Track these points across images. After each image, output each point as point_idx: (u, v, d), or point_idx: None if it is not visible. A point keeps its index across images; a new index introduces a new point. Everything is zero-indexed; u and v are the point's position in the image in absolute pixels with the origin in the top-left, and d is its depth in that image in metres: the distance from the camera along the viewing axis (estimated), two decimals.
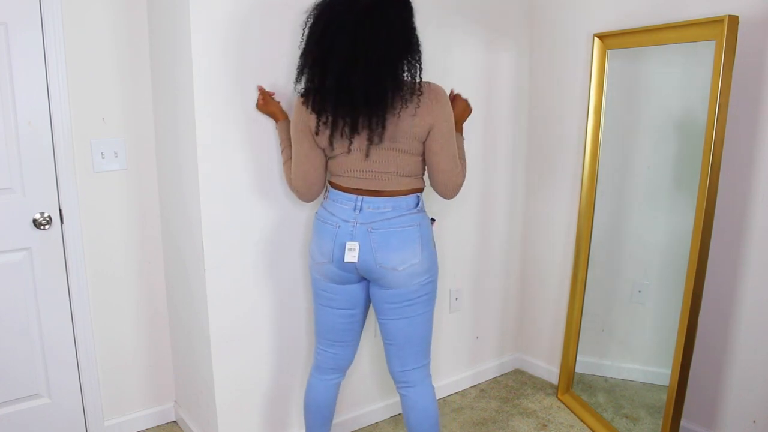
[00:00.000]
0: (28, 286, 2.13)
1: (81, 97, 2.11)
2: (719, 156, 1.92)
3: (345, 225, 1.75)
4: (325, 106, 1.67)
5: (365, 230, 1.73)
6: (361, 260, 1.74)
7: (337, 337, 1.90)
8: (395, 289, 1.77)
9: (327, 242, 1.78)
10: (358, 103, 1.63)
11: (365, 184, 1.74)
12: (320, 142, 1.75)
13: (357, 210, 1.74)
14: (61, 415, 2.26)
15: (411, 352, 1.84)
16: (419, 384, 1.85)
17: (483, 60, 2.54)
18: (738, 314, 2.15)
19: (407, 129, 1.68)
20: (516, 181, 2.78)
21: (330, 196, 1.81)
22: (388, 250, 1.73)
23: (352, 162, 1.74)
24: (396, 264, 1.74)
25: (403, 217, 1.75)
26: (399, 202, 1.75)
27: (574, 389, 2.64)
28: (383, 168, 1.73)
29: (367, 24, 1.60)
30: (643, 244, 2.47)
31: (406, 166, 1.75)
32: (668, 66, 2.32)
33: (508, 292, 2.87)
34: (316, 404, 1.93)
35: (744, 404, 2.17)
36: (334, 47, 1.61)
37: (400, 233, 1.74)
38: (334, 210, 1.78)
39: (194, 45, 1.84)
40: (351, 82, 1.61)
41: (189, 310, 2.19)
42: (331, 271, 1.80)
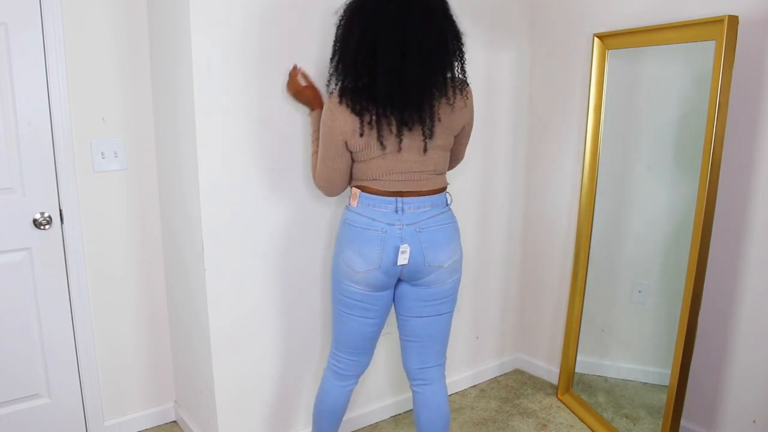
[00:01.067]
0: (28, 286, 2.13)
1: (81, 97, 2.11)
2: (719, 156, 1.92)
3: (391, 229, 1.72)
4: (371, 104, 1.62)
5: (413, 231, 1.73)
6: (412, 261, 1.74)
7: (362, 345, 1.87)
8: (436, 286, 1.78)
9: (373, 249, 1.72)
10: (412, 98, 1.60)
11: (405, 186, 1.73)
12: (359, 145, 1.67)
13: (399, 212, 1.72)
14: (61, 415, 2.26)
15: (433, 350, 1.85)
16: (436, 382, 1.86)
17: (483, 60, 2.54)
18: (738, 314, 2.15)
19: (448, 123, 1.70)
20: (516, 180, 2.78)
21: (363, 200, 1.75)
22: (437, 248, 1.75)
23: (393, 164, 1.70)
24: (443, 261, 1.76)
25: (443, 215, 1.78)
26: (435, 201, 1.77)
27: (574, 389, 2.64)
28: (423, 167, 1.72)
29: (413, 15, 1.57)
30: (643, 244, 2.47)
31: (441, 162, 1.76)
32: (668, 66, 2.32)
33: (508, 292, 2.87)
34: (332, 410, 1.91)
35: (744, 404, 2.17)
36: (379, 43, 1.57)
37: (444, 230, 1.77)
38: (374, 215, 1.73)
39: (194, 45, 1.84)
40: (405, 76, 1.58)
41: (189, 310, 2.19)
42: (376, 278, 1.75)
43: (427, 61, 1.60)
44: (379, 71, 1.58)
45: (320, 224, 2.18)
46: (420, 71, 1.59)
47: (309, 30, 2.02)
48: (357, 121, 1.64)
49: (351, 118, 1.64)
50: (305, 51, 2.03)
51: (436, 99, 1.65)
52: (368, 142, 1.67)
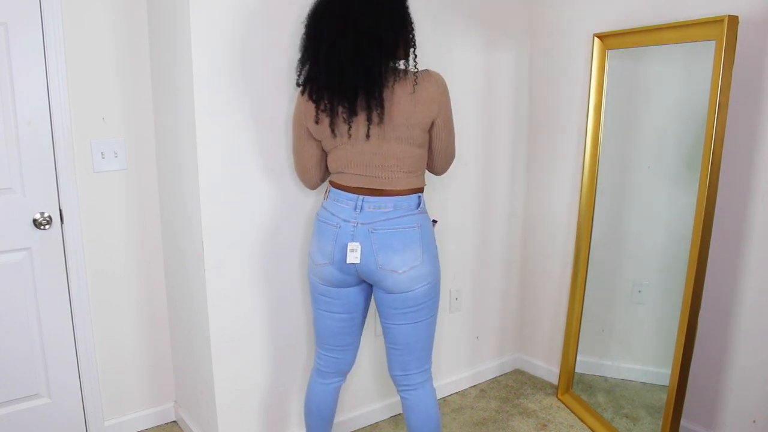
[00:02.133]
0: (28, 286, 2.13)
1: (81, 97, 2.11)
2: (719, 156, 1.92)
3: (345, 225, 1.73)
4: (322, 91, 1.66)
5: (366, 230, 1.71)
6: (362, 262, 1.72)
7: (336, 341, 1.88)
8: (398, 293, 1.73)
9: (328, 243, 1.75)
10: (350, 80, 1.61)
11: (367, 182, 1.72)
12: (320, 133, 1.73)
13: (357, 209, 1.72)
14: (61, 415, 2.26)
15: (413, 357, 1.81)
16: (420, 387, 1.83)
17: (483, 60, 2.54)
18: (738, 314, 2.15)
19: (407, 113, 1.66)
20: (516, 180, 2.78)
21: (330, 195, 1.79)
22: (388, 251, 1.70)
23: (352, 155, 1.71)
24: (396, 266, 1.71)
25: (405, 218, 1.72)
26: (400, 202, 1.72)
27: (574, 389, 2.64)
28: (384, 161, 1.70)
29: (355, 4, 1.60)
30: (643, 244, 2.47)
31: (407, 158, 1.71)
32: (668, 66, 2.32)
33: (508, 292, 2.87)
34: (317, 408, 1.92)
35: (744, 404, 2.17)
36: (324, 31, 1.63)
37: (401, 234, 1.71)
38: (335, 210, 1.76)
39: (194, 45, 1.84)
40: (340, 58, 1.60)
41: (189, 310, 2.19)
42: (332, 273, 1.77)
43: (364, 43, 1.60)
44: (320, 59, 1.63)
45: None
46: (353, 52, 1.59)
47: None
48: (313, 108, 1.70)
49: (309, 106, 1.71)
50: None
51: (383, 85, 1.63)
52: (324, 130, 1.72)
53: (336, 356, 1.90)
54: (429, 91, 1.68)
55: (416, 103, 1.66)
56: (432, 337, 1.84)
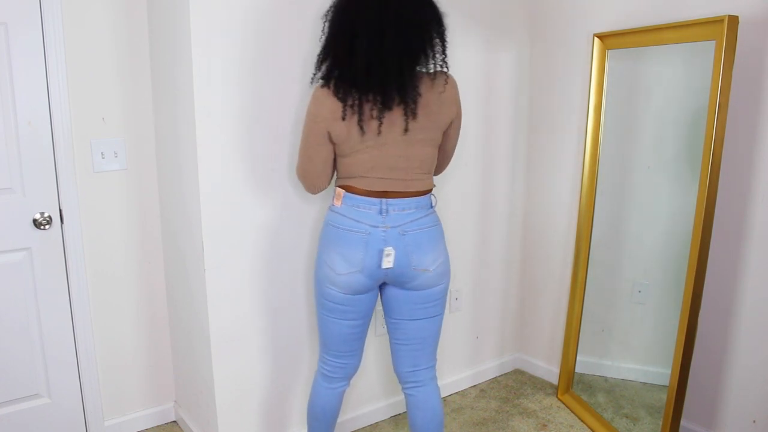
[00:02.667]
0: (28, 286, 2.13)
1: (81, 97, 2.11)
2: (719, 156, 1.92)
3: (375, 231, 1.69)
4: (353, 89, 1.60)
5: (397, 234, 1.70)
6: (396, 265, 1.71)
7: (346, 347, 1.85)
8: (423, 290, 1.76)
9: (356, 251, 1.70)
10: (392, 76, 1.57)
11: (390, 185, 1.69)
12: (343, 134, 1.65)
13: (383, 213, 1.69)
14: (61, 415, 2.26)
15: (424, 353, 1.83)
16: (428, 383, 1.84)
17: (483, 60, 2.54)
18: (738, 314, 2.15)
19: (435, 115, 1.67)
20: (516, 180, 2.78)
21: (347, 201, 1.72)
22: (421, 251, 1.72)
23: (377, 158, 1.66)
24: (428, 265, 1.73)
25: (428, 217, 1.75)
26: (420, 203, 1.74)
27: (574, 389, 2.64)
28: (408, 164, 1.68)
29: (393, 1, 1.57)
30: (643, 244, 2.47)
31: (427, 160, 1.73)
32: (668, 66, 2.32)
33: (508, 292, 2.87)
34: (323, 411, 1.90)
35: (744, 404, 2.17)
36: (358, 25, 1.57)
37: (428, 233, 1.74)
38: (358, 216, 1.70)
39: (194, 45, 1.84)
40: (383, 54, 1.56)
41: (189, 310, 2.19)
42: (358, 281, 1.72)
43: (407, 40, 1.57)
44: (358, 51, 1.57)
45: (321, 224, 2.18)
46: (399, 49, 1.56)
47: (308, 30, 2.02)
48: (340, 105, 1.62)
49: (334, 102, 1.63)
50: (305, 51, 2.03)
51: (419, 81, 1.62)
52: (349, 129, 1.64)
53: (344, 362, 1.88)
54: (451, 92, 1.70)
55: (442, 104, 1.68)
56: (440, 332, 1.88)
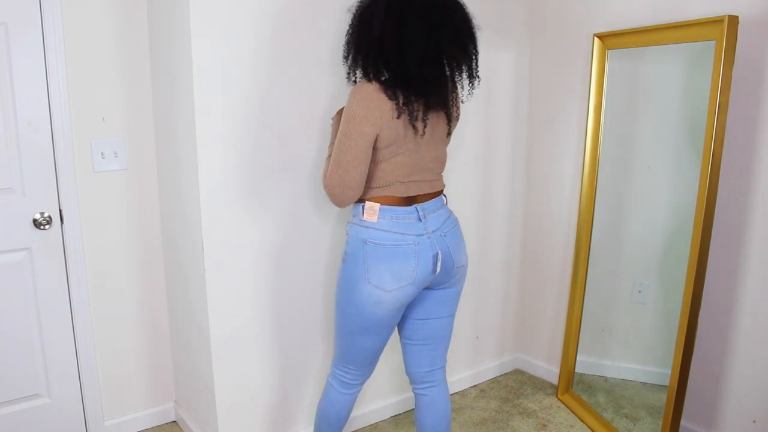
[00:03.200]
0: (28, 286, 2.13)
1: (81, 97, 2.11)
2: (719, 156, 1.92)
3: (421, 239, 1.67)
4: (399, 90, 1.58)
5: (439, 236, 1.72)
6: (444, 266, 1.73)
7: (373, 358, 1.83)
8: (456, 286, 1.82)
9: (408, 264, 1.65)
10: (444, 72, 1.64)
11: (421, 187, 1.71)
12: (391, 135, 1.60)
13: (422, 220, 1.69)
14: (61, 415, 2.26)
15: (442, 351, 1.87)
16: (441, 384, 1.86)
17: (483, 60, 2.52)
18: (738, 314, 2.15)
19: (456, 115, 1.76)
20: (516, 181, 2.78)
21: (384, 214, 1.66)
22: (459, 248, 1.78)
23: (416, 159, 1.67)
24: (464, 260, 1.81)
25: (451, 215, 1.81)
26: (441, 201, 1.79)
27: (574, 389, 2.64)
28: (435, 164, 1.74)
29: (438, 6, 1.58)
30: (643, 244, 2.47)
31: (445, 159, 1.79)
32: (668, 66, 2.32)
33: (508, 292, 2.87)
34: (338, 417, 1.88)
35: (744, 404, 2.17)
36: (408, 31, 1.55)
37: (458, 230, 1.80)
38: (401, 228, 1.66)
39: (194, 45, 1.84)
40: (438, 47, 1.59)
41: (189, 310, 2.19)
42: (408, 293, 1.68)
43: (463, 42, 1.64)
44: (413, 59, 1.56)
45: (321, 225, 2.18)
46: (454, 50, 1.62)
47: (308, 27, 2.03)
48: (391, 103, 1.57)
49: (386, 101, 1.57)
50: (305, 50, 2.03)
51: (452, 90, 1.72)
52: (398, 129, 1.60)
53: (366, 369, 1.85)
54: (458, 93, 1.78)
55: (456, 106, 1.77)
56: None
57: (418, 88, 1.59)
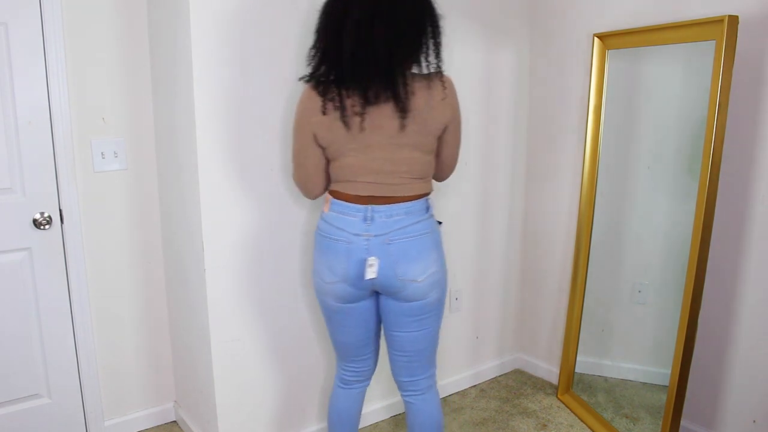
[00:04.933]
0: (28, 287, 2.13)
1: (81, 97, 2.11)
2: (719, 156, 1.92)
3: (357, 240, 1.62)
4: (333, 84, 1.54)
5: (381, 242, 1.62)
6: (381, 275, 1.63)
7: (355, 353, 1.83)
8: (414, 301, 1.68)
9: (339, 260, 1.65)
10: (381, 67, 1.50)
11: (377, 189, 1.62)
12: (327, 133, 1.58)
13: (368, 221, 1.62)
14: (61, 415, 2.26)
15: (420, 363, 1.78)
16: (426, 392, 1.81)
17: (483, 60, 2.54)
18: (738, 314, 2.15)
19: (423, 119, 1.58)
20: (516, 180, 2.78)
21: (333, 207, 1.67)
22: (408, 261, 1.63)
23: (364, 161, 1.60)
24: (416, 275, 1.64)
25: (419, 224, 1.65)
26: (411, 207, 1.64)
27: (574, 389, 2.64)
28: (395, 168, 1.60)
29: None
30: (643, 244, 2.47)
31: (417, 165, 1.63)
32: (668, 66, 2.32)
33: (508, 292, 2.87)
34: (338, 414, 1.88)
35: (744, 404, 2.17)
36: (350, 17, 1.50)
37: (418, 242, 1.64)
38: (341, 224, 1.64)
39: (194, 44, 1.84)
40: (372, 44, 1.49)
41: (189, 310, 2.19)
42: (344, 290, 1.68)
43: (399, 34, 1.50)
44: (345, 42, 1.50)
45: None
46: (390, 41, 1.49)
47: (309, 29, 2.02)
48: (319, 100, 1.56)
49: (314, 98, 1.58)
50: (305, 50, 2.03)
51: (411, 79, 1.55)
52: (331, 126, 1.57)
53: (358, 366, 1.86)
54: (444, 95, 1.60)
55: (432, 108, 1.59)
56: (437, 341, 1.81)
57: (350, 82, 1.53)
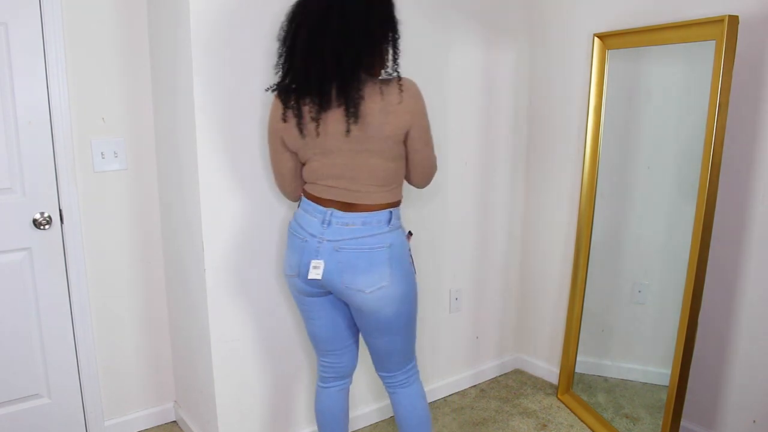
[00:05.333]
0: (28, 287, 2.13)
1: (81, 97, 2.11)
2: (719, 156, 1.92)
3: (312, 240, 1.65)
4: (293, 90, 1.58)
5: (331, 248, 1.63)
6: (326, 279, 1.66)
7: (327, 346, 1.85)
8: (367, 312, 1.68)
9: (295, 256, 1.71)
10: (328, 68, 1.50)
11: (338, 194, 1.64)
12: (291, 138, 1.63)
13: (325, 224, 1.64)
14: (61, 415, 2.26)
15: (393, 362, 1.79)
16: (406, 385, 1.82)
17: (482, 60, 2.54)
18: (738, 314, 2.15)
19: (379, 124, 1.55)
20: (516, 181, 2.78)
21: (302, 205, 1.73)
22: (355, 272, 1.63)
23: (325, 167, 1.63)
24: (362, 287, 1.63)
25: (373, 237, 1.63)
26: (369, 218, 1.63)
27: (574, 389, 2.64)
28: (355, 174, 1.60)
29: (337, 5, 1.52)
30: (643, 244, 2.47)
31: (380, 172, 1.61)
32: (668, 66, 2.32)
33: (508, 292, 2.87)
34: (330, 412, 1.90)
35: (744, 404, 2.17)
36: (303, 28, 1.54)
37: (367, 255, 1.62)
38: (303, 222, 1.69)
39: (194, 44, 1.84)
40: (321, 44, 1.50)
41: (189, 310, 2.19)
42: (300, 285, 1.74)
43: (350, 41, 1.51)
44: (297, 50, 1.54)
45: None
46: (338, 49, 1.50)
47: None
48: (281, 107, 1.62)
49: (279, 105, 1.64)
50: None
51: (363, 85, 1.54)
52: (293, 133, 1.62)
53: (331, 360, 1.87)
54: (400, 99, 1.55)
55: (388, 114, 1.55)
56: (410, 344, 1.80)
57: (303, 90, 1.56)
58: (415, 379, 1.84)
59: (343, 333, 1.85)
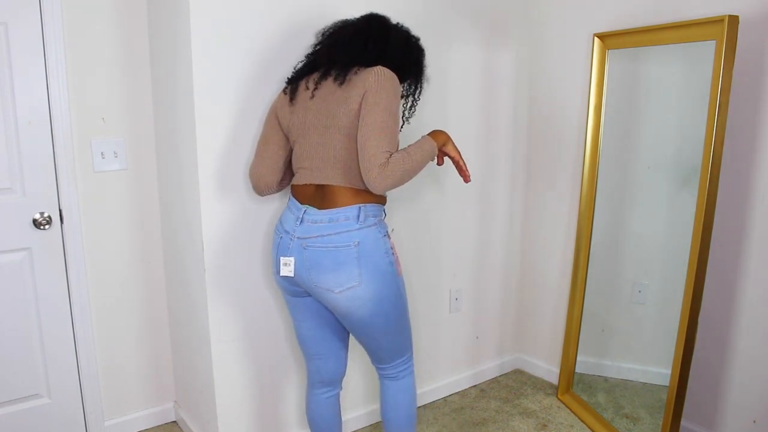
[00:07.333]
0: (28, 287, 2.13)
1: (81, 97, 2.11)
2: (719, 156, 1.92)
3: (286, 237, 1.69)
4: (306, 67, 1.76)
5: (300, 246, 1.65)
6: (298, 277, 1.67)
7: (312, 350, 1.85)
8: (340, 311, 1.66)
9: (273, 252, 1.76)
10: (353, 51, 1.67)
11: (309, 176, 1.67)
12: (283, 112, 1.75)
13: (298, 221, 1.67)
14: (61, 415, 2.26)
15: (384, 357, 1.79)
16: (396, 378, 1.81)
17: (482, 60, 2.54)
18: (738, 314, 2.15)
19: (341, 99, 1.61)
20: (516, 181, 2.78)
21: (288, 203, 1.77)
22: (320, 270, 1.62)
23: (306, 146, 1.68)
24: (331, 286, 1.62)
25: (339, 235, 1.60)
26: (335, 216, 1.61)
27: (574, 389, 2.64)
28: (325, 152, 1.64)
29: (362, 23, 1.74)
30: (643, 244, 2.47)
31: (343, 152, 1.61)
32: (668, 66, 2.32)
33: (508, 292, 2.87)
34: (321, 419, 1.89)
35: (744, 404, 2.17)
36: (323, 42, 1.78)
37: (333, 253, 1.60)
38: (283, 219, 1.74)
39: (194, 45, 1.84)
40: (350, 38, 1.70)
41: (189, 310, 2.19)
42: (281, 282, 1.77)
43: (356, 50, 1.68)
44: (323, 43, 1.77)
45: None
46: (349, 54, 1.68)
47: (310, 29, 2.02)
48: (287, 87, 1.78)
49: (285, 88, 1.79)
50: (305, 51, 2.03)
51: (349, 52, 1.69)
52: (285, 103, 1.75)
53: (317, 365, 1.86)
54: (361, 76, 1.60)
55: (350, 88, 1.60)
56: (397, 343, 1.77)
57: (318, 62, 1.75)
58: (407, 374, 1.82)
59: (328, 336, 1.83)
